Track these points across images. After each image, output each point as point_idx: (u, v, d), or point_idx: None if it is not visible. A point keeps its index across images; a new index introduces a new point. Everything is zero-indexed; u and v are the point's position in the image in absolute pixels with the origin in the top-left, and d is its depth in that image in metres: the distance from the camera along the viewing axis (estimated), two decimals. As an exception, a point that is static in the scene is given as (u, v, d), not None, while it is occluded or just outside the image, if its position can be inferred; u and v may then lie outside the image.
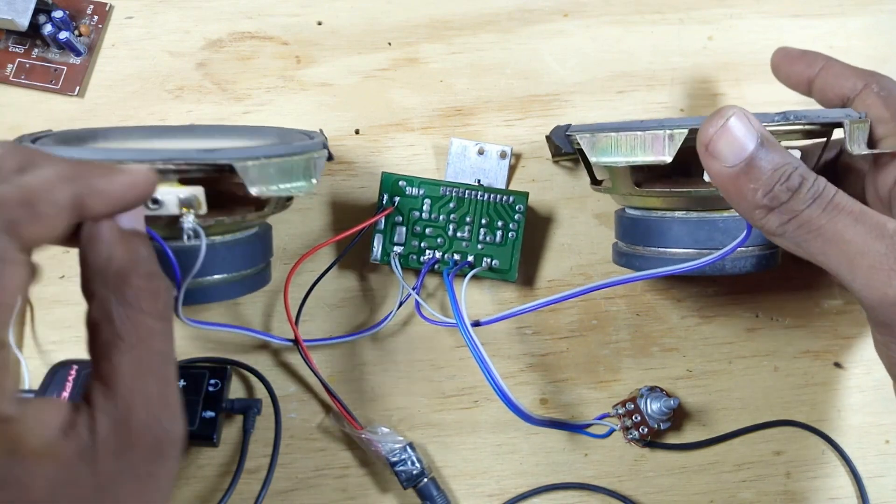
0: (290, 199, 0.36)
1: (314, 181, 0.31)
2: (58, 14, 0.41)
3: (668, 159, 0.30)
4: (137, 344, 0.23)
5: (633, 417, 0.38)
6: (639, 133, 0.31)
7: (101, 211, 0.24)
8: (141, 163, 0.27)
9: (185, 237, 0.28)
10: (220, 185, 0.32)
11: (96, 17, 0.43)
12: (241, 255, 0.33)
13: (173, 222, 0.28)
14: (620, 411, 0.38)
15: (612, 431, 0.39)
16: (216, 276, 0.32)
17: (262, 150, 0.29)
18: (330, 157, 0.33)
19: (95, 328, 0.24)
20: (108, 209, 0.24)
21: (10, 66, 0.42)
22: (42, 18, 0.41)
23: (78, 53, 0.42)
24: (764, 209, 0.27)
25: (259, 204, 0.32)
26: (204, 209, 0.28)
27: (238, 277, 0.33)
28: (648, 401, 0.38)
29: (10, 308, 0.22)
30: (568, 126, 0.36)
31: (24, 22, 0.40)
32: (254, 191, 0.28)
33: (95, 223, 0.24)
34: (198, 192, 0.28)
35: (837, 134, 0.32)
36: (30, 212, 0.22)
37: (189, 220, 0.27)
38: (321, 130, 0.37)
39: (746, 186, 0.27)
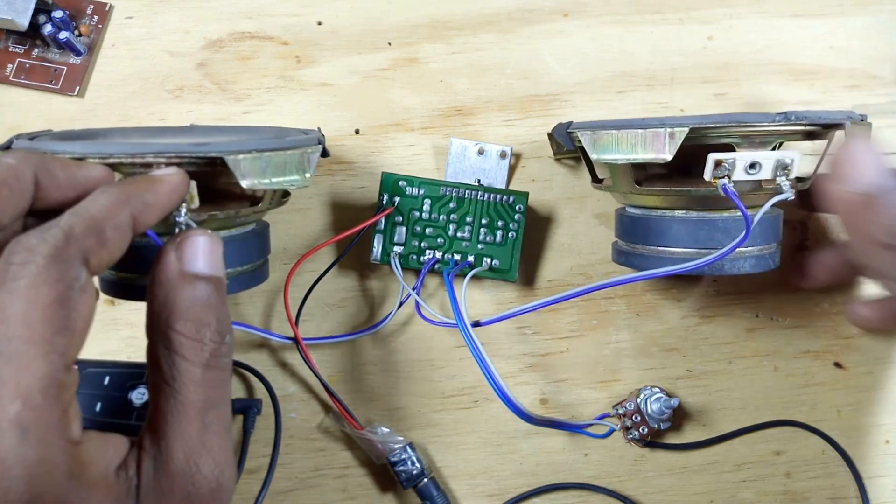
0: (286, 195, 0.35)
1: (307, 175, 0.31)
2: (58, 14, 0.41)
3: (669, 157, 0.30)
4: (181, 390, 0.23)
5: (633, 417, 0.38)
6: (640, 131, 0.31)
7: (151, 224, 0.25)
8: (132, 157, 0.27)
9: (177, 231, 0.28)
10: (217, 183, 0.32)
11: (96, 17, 0.43)
12: (234, 252, 0.33)
13: (166, 217, 0.28)
14: (620, 411, 0.38)
15: (612, 431, 0.39)
16: None
17: (252, 144, 0.29)
18: (325, 154, 0.33)
19: (150, 371, 0.24)
20: (156, 220, 0.25)
21: (10, 66, 0.42)
22: (42, 18, 0.41)
23: (78, 53, 0.42)
24: (881, 246, 0.26)
25: (254, 200, 0.32)
26: (196, 203, 0.28)
27: (232, 274, 0.33)
28: (648, 401, 0.38)
29: (86, 334, 0.22)
30: (570, 123, 0.36)
31: (24, 22, 0.40)
32: (245, 184, 0.28)
33: (162, 267, 0.24)
34: (190, 185, 0.28)
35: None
36: (99, 240, 0.23)
37: (181, 215, 0.27)
38: (318, 128, 0.37)
39: (867, 217, 0.26)
